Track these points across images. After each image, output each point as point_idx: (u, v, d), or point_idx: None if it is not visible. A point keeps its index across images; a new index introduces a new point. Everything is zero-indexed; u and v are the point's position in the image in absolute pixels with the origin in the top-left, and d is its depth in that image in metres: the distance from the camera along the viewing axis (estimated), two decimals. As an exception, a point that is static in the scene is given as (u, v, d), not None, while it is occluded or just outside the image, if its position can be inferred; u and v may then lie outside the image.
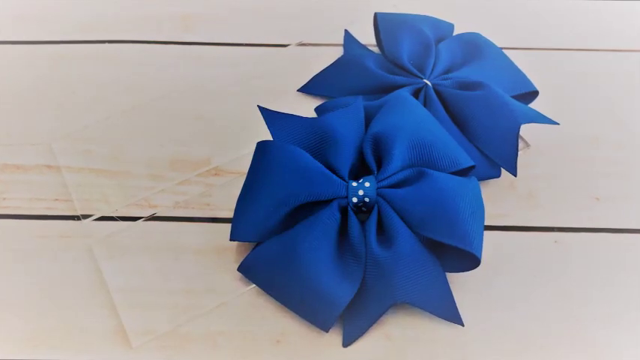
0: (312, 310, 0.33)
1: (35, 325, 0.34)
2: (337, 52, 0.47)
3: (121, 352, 0.33)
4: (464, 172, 0.35)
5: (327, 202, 0.34)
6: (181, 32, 0.49)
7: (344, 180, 0.34)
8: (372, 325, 0.33)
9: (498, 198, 0.40)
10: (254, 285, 0.35)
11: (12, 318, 0.34)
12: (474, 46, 0.43)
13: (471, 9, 0.51)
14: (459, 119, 0.40)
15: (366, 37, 0.48)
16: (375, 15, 0.45)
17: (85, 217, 0.38)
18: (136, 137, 0.42)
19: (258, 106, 0.36)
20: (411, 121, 0.36)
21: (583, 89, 0.46)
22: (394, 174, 0.34)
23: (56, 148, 0.41)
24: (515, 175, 0.39)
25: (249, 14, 0.50)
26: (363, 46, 0.47)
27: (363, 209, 0.34)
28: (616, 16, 0.51)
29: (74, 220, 0.38)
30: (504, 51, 0.44)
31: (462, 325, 0.34)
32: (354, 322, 0.33)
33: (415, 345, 0.34)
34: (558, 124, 0.40)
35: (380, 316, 0.33)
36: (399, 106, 0.36)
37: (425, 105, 0.40)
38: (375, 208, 0.34)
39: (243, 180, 0.36)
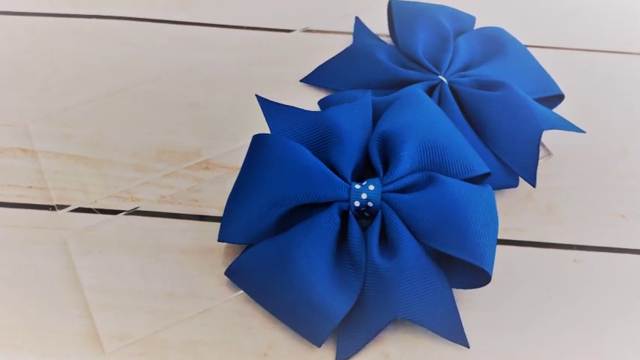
0: (304, 321, 0.33)
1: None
2: (346, 41, 0.47)
3: (92, 357, 0.33)
4: (478, 180, 0.35)
5: (326, 205, 0.34)
6: (177, 10, 0.49)
7: (346, 181, 0.34)
8: (368, 342, 0.33)
9: (514, 210, 0.39)
10: (242, 291, 0.35)
11: (-25, 314, 0.34)
12: (496, 42, 0.43)
13: (495, 1, 0.51)
14: (475, 121, 0.40)
15: (379, 26, 0.48)
16: (390, 2, 0.45)
17: (61, 207, 0.38)
18: (121, 123, 0.42)
19: (256, 95, 0.36)
20: (423, 120, 0.36)
21: (613, 95, 0.45)
22: (401, 177, 0.34)
23: (33, 130, 0.41)
24: (534, 186, 0.39)
25: (251, -5, 0.50)
26: (375, 36, 0.47)
27: (365, 214, 0.34)
28: (653, 18, 0.51)
29: (48, 210, 0.38)
30: (529, 49, 0.44)
31: (468, 346, 0.34)
32: (349, 337, 0.33)
33: (415, 366, 0.34)
34: (584, 132, 0.40)
35: (378, 332, 0.33)
36: (411, 104, 0.36)
37: (439, 104, 0.40)
38: (379, 213, 0.33)
39: (236, 176, 0.36)
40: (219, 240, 0.34)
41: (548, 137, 0.42)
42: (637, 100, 0.45)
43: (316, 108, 0.43)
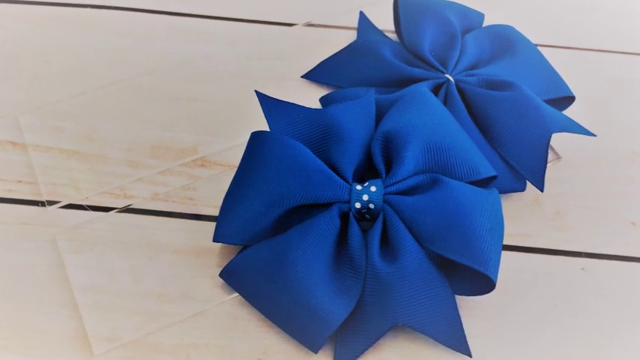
0: (300, 326, 0.33)
1: (-15, 322, 0.34)
2: (350, 37, 0.47)
3: (81, 359, 0.33)
4: (484, 183, 0.35)
5: (326, 206, 0.34)
6: (174, 1, 0.49)
7: (347, 182, 0.34)
8: (367, 349, 0.33)
9: (521, 215, 0.39)
10: (237, 294, 0.35)
11: (-41, 312, 0.34)
12: (506, 41, 0.43)
13: (505, -2, 0.51)
14: (482, 122, 0.40)
15: (384, 21, 0.48)
16: (396, -3, 0.45)
17: (51, 203, 0.38)
18: (115, 117, 0.42)
19: (255, 91, 0.36)
20: (428, 120, 0.36)
21: (626, 98, 0.45)
22: (405, 179, 0.34)
23: (23, 123, 0.41)
24: (541, 190, 0.39)
25: (252, -14, 0.50)
26: (380, 32, 0.47)
27: (366, 216, 0.34)
28: (669, 18, 0.51)
29: (38, 206, 0.38)
30: (539, 48, 0.44)
31: (470, 355, 0.34)
32: (347, 343, 0.33)
33: (415, 375, 0.34)
34: (595, 135, 0.40)
35: (377, 339, 0.33)
36: (416, 103, 0.36)
37: (445, 103, 0.40)
38: (381, 216, 0.33)
39: (233, 174, 0.36)
40: (214, 240, 0.34)
41: (558, 140, 0.42)
42: (650, 104, 0.45)
43: (317, 105, 0.43)
